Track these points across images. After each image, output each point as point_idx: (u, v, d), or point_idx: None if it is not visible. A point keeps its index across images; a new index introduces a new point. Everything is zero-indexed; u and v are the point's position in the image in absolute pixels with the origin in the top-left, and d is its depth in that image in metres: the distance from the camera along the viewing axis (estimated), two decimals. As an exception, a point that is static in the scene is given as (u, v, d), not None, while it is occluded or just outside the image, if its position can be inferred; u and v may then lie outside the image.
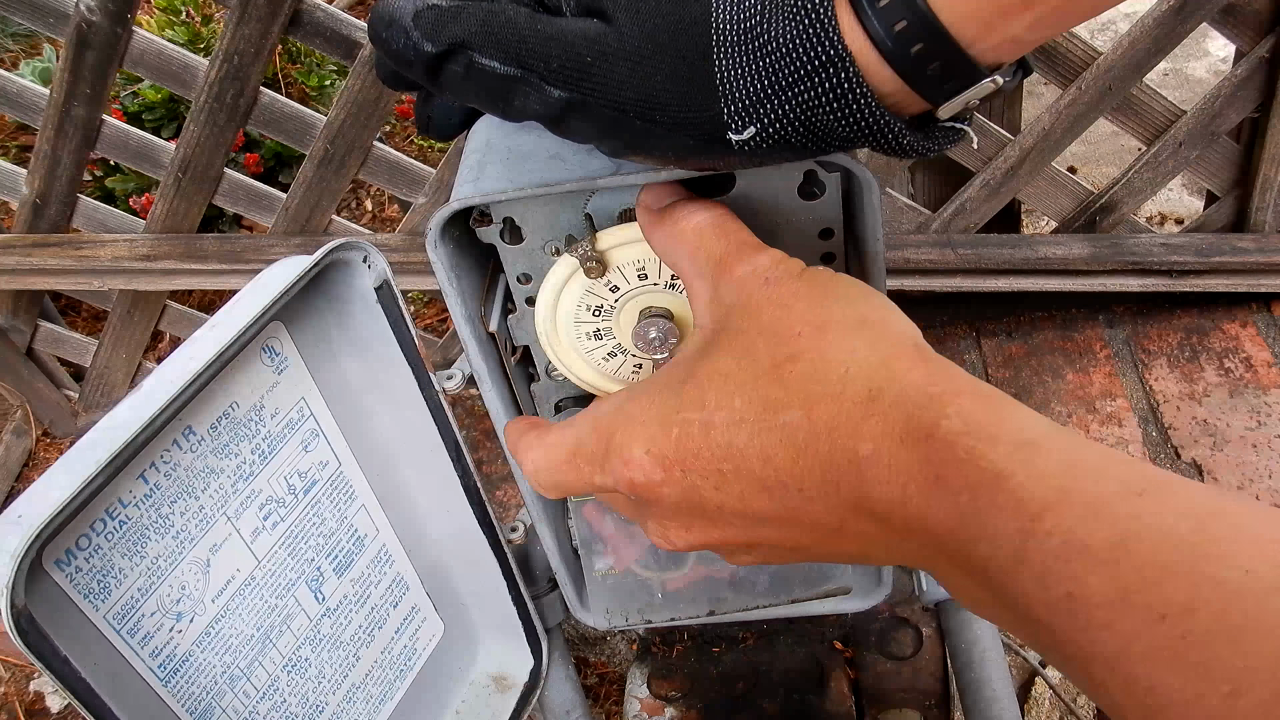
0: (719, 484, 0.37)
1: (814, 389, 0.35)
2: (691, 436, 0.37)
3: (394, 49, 0.42)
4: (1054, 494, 0.30)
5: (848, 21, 0.36)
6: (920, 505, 0.33)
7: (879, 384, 0.35)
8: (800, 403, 0.35)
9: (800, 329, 0.37)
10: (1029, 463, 0.31)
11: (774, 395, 0.36)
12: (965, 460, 0.32)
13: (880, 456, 0.34)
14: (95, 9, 1.32)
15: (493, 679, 0.77)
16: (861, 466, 0.34)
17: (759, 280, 0.40)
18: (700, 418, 0.37)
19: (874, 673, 1.18)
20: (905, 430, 0.33)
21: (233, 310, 0.54)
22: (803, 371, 0.36)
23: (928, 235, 1.49)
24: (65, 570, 0.51)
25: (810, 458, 0.35)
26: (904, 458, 0.33)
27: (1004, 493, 0.31)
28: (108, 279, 1.59)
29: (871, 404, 0.34)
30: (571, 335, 0.54)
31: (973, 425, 0.32)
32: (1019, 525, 0.30)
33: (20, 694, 1.56)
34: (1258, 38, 1.32)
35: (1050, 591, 0.29)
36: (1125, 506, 0.29)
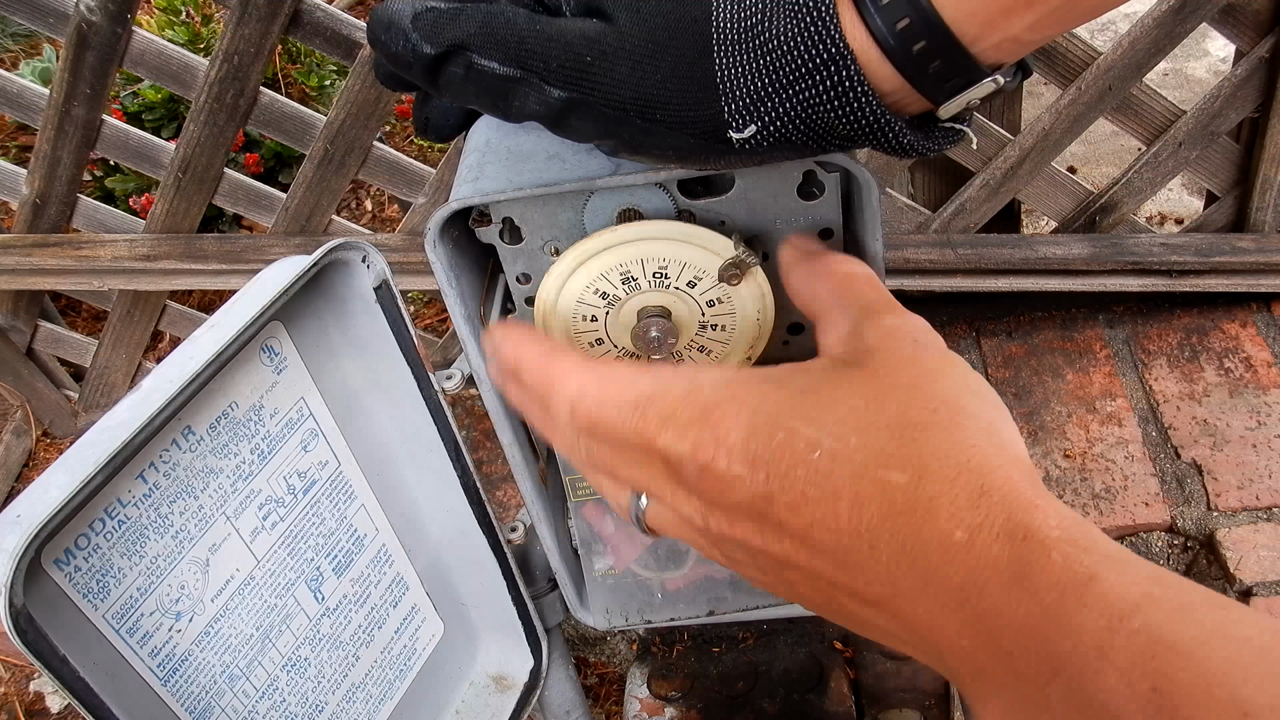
0: (796, 504, 0.36)
1: (930, 463, 0.35)
2: (795, 449, 0.36)
3: (393, 51, 0.42)
4: (1143, 597, 0.31)
5: (849, 19, 0.36)
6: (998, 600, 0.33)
7: (990, 484, 0.35)
8: (913, 469, 0.35)
9: (938, 405, 0.37)
10: (1120, 571, 0.31)
11: (891, 450, 0.36)
12: (1059, 563, 0.32)
13: (973, 546, 0.34)
14: (95, 9, 1.31)
15: (492, 679, 0.77)
16: (949, 550, 0.34)
17: (909, 338, 0.40)
18: (810, 434, 0.36)
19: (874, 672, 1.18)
20: (1004, 529, 0.33)
21: (232, 310, 0.54)
22: (927, 443, 0.36)
23: (927, 235, 1.49)
24: (64, 570, 0.51)
25: (900, 522, 0.35)
26: (996, 553, 0.33)
27: (1094, 593, 0.31)
28: (108, 279, 1.59)
29: (978, 498, 0.34)
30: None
31: (1070, 537, 0.33)
32: (1107, 622, 0.30)
33: (20, 694, 1.56)
34: (1257, 38, 1.32)
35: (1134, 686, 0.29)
36: (1211, 613, 0.30)
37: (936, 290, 1.50)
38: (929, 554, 0.34)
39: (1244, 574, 1.20)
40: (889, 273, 1.38)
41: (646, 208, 0.51)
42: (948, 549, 0.34)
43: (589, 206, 0.51)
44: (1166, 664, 0.29)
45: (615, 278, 0.51)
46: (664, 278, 0.51)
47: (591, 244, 0.50)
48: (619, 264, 0.50)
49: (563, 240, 0.52)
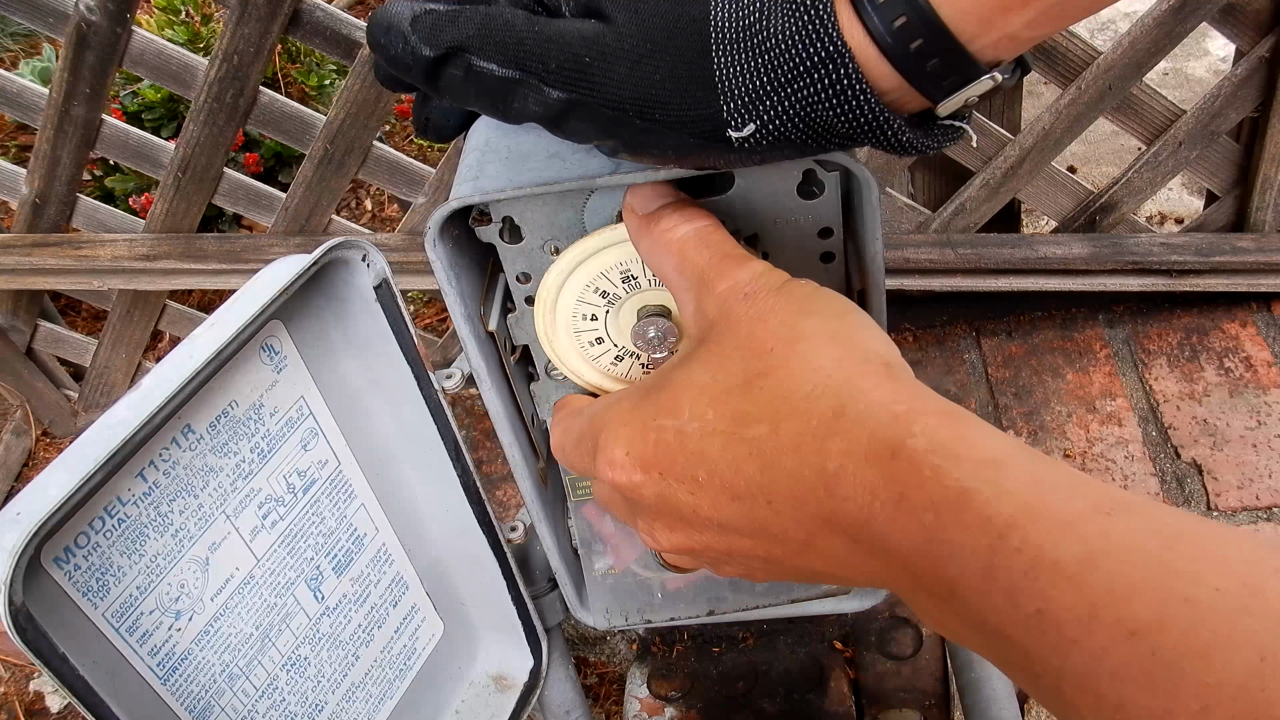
0: (693, 489, 0.38)
1: (781, 404, 0.36)
2: (667, 443, 0.38)
3: (392, 54, 0.42)
4: (1021, 511, 0.30)
5: (847, 18, 0.36)
6: (885, 524, 0.33)
7: (844, 401, 0.35)
8: (769, 417, 0.36)
9: (772, 344, 0.38)
10: (995, 480, 0.31)
11: (744, 408, 0.37)
12: (930, 478, 0.32)
13: (845, 474, 0.34)
14: (95, 9, 1.31)
15: (492, 679, 0.77)
16: (828, 483, 0.34)
17: (738, 295, 0.40)
18: (675, 425, 0.38)
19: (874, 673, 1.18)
20: (869, 448, 0.33)
21: (232, 309, 0.54)
22: (772, 386, 0.36)
23: (927, 235, 1.49)
24: (64, 568, 0.51)
25: (777, 471, 0.35)
26: (868, 476, 0.33)
27: (970, 510, 0.31)
28: (107, 279, 1.59)
29: (836, 421, 0.34)
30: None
31: (937, 443, 0.32)
32: (986, 542, 0.30)
33: (20, 694, 1.56)
34: (1257, 37, 1.32)
35: (1020, 609, 0.29)
36: (1093, 524, 0.29)
37: (936, 290, 1.50)
38: (815, 493, 0.34)
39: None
40: (889, 272, 1.38)
41: (646, 207, 0.51)
42: (827, 483, 0.34)
43: (589, 205, 0.51)
44: (1049, 585, 0.29)
45: (615, 277, 0.51)
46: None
47: (591, 243, 0.50)
48: (619, 263, 0.50)
49: (563, 239, 0.52)
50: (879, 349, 0.38)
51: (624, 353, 0.55)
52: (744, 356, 0.38)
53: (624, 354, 0.55)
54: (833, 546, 0.35)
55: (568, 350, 0.54)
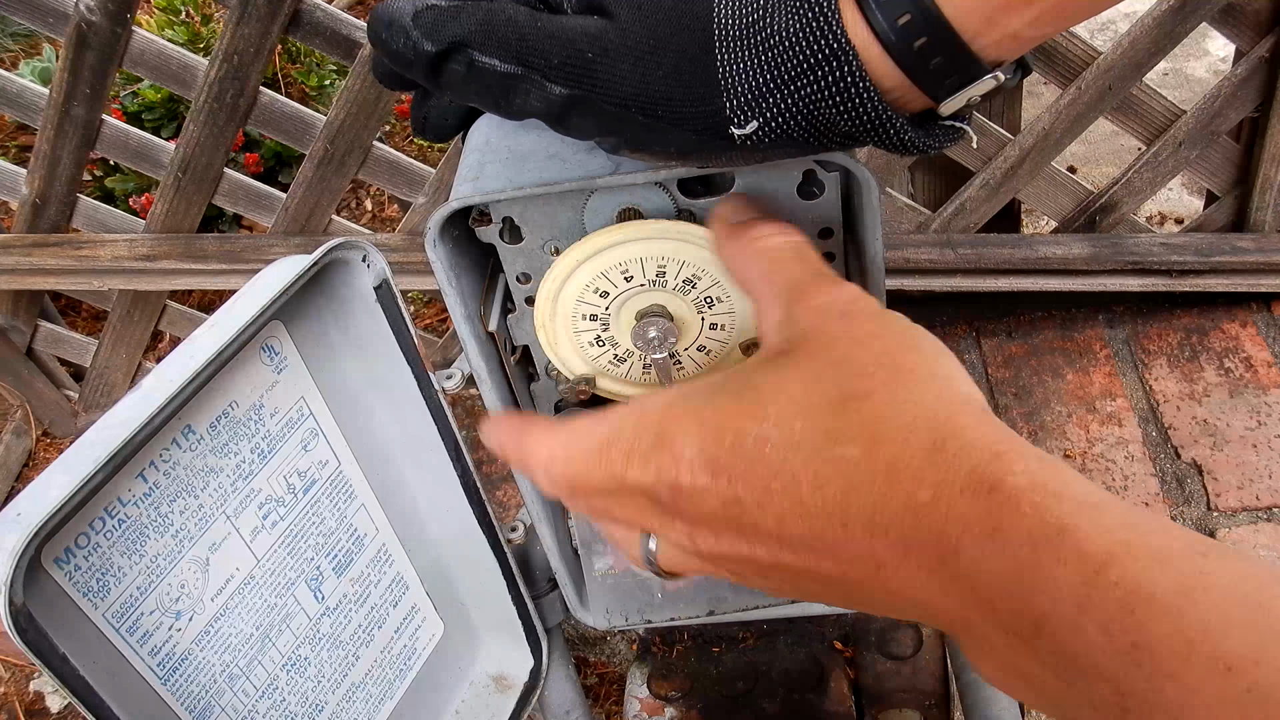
0: (762, 500, 0.36)
1: (879, 430, 0.35)
2: (745, 448, 0.37)
3: (394, 49, 0.42)
4: (1119, 546, 0.30)
5: (850, 15, 0.36)
6: (974, 557, 0.32)
7: (944, 435, 0.34)
8: (863, 440, 0.35)
9: (874, 369, 0.37)
10: (1094, 519, 0.31)
11: (836, 427, 0.36)
12: (1029, 514, 0.31)
13: (939, 505, 0.33)
14: (95, 9, 1.31)
15: (492, 679, 0.77)
16: (918, 511, 0.34)
17: (836, 313, 0.39)
18: (757, 430, 0.37)
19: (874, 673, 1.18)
20: (968, 482, 0.33)
21: (232, 309, 0.54)
22: (870, 411, 0.36)
23: (927, 235, 1.49)
24: (64, 568, 0.51)
25: (863, 494, 0.35)
26: (964, 508, 0.33)
27: (1068, 546, 0.30)
28: (107, 279, 1.59)
29: (935, 454, 0.34)
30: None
31: (1038, 483, 0.32)
32: (1083, 576, 0.30)
33: (20, 694, 1.56)
34: (1257, 37, 1.32)
35: (1114, 641, 0.29)
36: (1190, 562, 0.29)
37: (936, 290, 1.50)
38: (900, 520, 0.34)
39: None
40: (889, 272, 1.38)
41: (646, 207, 0.51)
42: (916, 511, 0.34)
43: (589, 206, 0.51)
44: (1146, 618, 0.28)
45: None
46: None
47: (592, 243, 0.50)
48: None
49: (563, 240, 0.52)
50: (974, 394, 0.37)
51: (625, 353, 0.55)
52: (842, 375, 0.37)
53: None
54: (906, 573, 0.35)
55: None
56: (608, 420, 0.41)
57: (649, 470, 0.39)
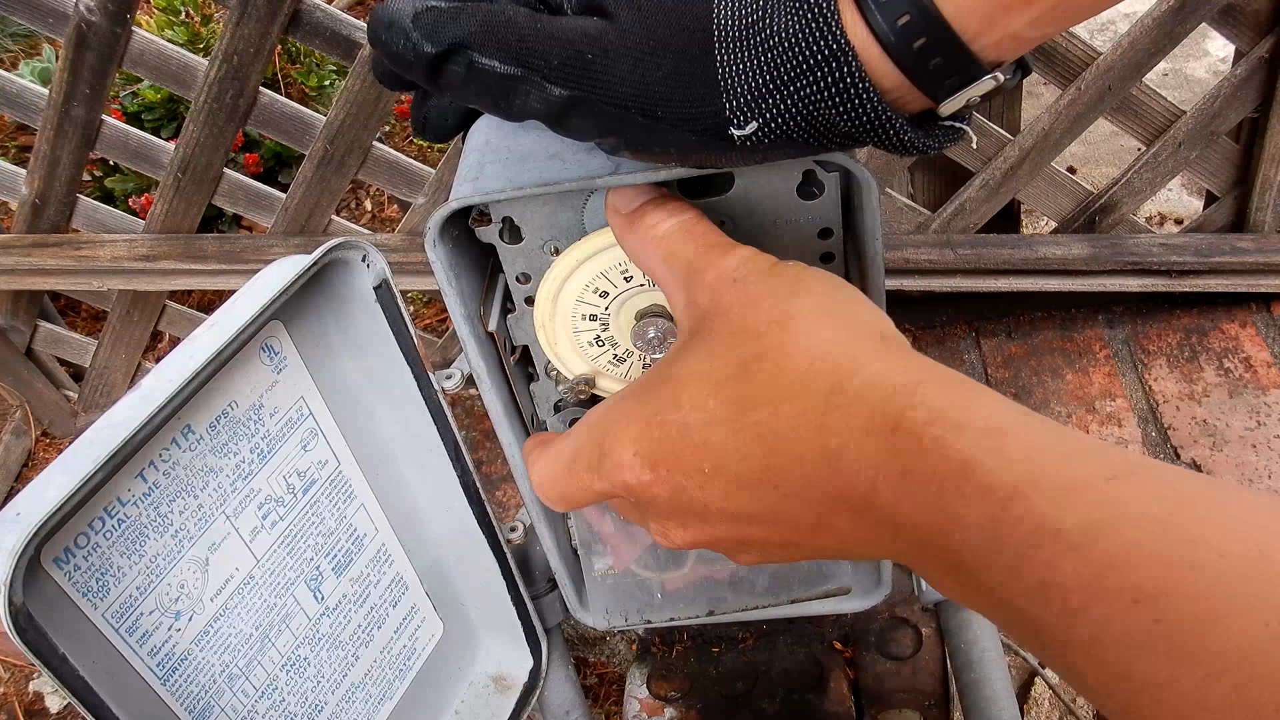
0: (702, 483, 0.37)
1: (780, 386, 0.36)
2: (671, 438, 0.38)
3: (394, 51, 0.42)
4: (1023, 480, 0.30)
5: (850, 16, 0.36)
6: (890, 498, 0.33)
7: (841, 377, 0.35)
8: (768, 400, 0.36)
9: (765, 326, 0.37)
10: (997, 449, 0.31)
11: (744, 394, 0.36)
12: (931, 450, 0.31)
13: (847, 450, 0.33)
14: (94, 9, 1.31)
15: (492, 679, 0.77)
16: (831, 461, 0.34)
17: (728, 281, 0.40)
18: (677, 419, 0.38)
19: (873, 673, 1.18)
20: (869, 422, 0.33)
21: (232, 309, 0.54)
22: (768, 369, 0.36)
23: (927, 235, 1.49)
24: (64, 568, 0.51)
25: (782, 455, 0.35)
26: (871, 450, 0.33)
27: (971, 481, 0.30)
28: (107, 279, 1.59)
29: (834, 397, 0.34)
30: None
31: (938, 414, 0.32)
32: (989, 513, 0.30)
33: (20, 694, 1.56)
34: (1257, 38, 1.32)
35: (1024, 579, 0.29)
36: (1096, 491, 0.29)
37: (936, 290, 1.50)
38: (819, 473, 0.34)
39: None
40: (889, 273, 1.38)
41: (646, 207, 0.51)
42: (830, 460, 0.34)
43: (589, 206, 0.51)
44: (1052, 554, 0.28)
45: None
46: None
47: (591, 244, 0.50)
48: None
49: (562, 240, 0.52)
50: (872, 321, 0.37)
51: (625, 353, 0.55)
52: (739, 342, 0.38)
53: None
54: (842, 524, 0.35)
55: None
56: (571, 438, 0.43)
57: (605, 479, 0.41)
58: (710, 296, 0.40)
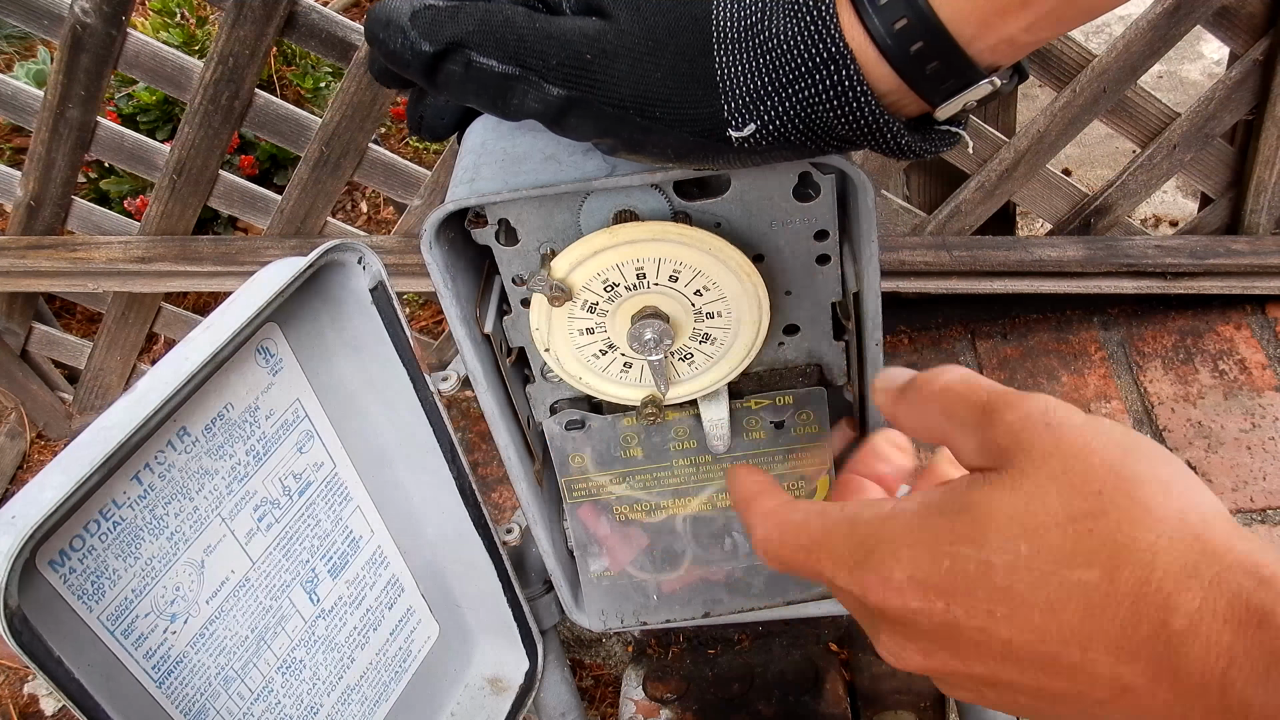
0: (985, 625, 0.35)
1: (1119, 552, 0.33)
2: (966, 573, 0.35)
3: (391, 49, 0.42)
4: None
5: (848, 19, 0.37)
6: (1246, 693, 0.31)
7: (1197, 557, 0.32)
8: (1101, 563, 0.33)
9: (1101, 487, 0.34)
10: None
11: (1068, 549, 0.34)
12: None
13: (1198, 634, 0.31)
14: (90, 11, 1.31)
15: (488, 681, 0.77)
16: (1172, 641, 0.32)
17: (1039, 424, 0.37)
18: (978, 555, 0.35)
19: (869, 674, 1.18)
20: (1231, 611, 0.31)
21: (227, 311, 0.54)
22: (1106, 531, 0.34)
23: (923, 237, 1.49)
24: (59, 571, 0.51)
25: (1106, 620, 0.33)
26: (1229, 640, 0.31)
27: None
28: (102, 281, 1.58)
29: (1189, 579, 0.32)
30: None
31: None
32: None
33: (14, 697, 1.56)
34: (1252, 40, 1.32)
35: None
36: None
37: (932, 292, 1.50)
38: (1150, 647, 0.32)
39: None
40: (884, 274, 1.38)
41: (643, 209, 0.51)
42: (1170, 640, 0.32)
43: (585, 208, 0.51)
44: None
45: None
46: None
47: (587, 245, 0.50)
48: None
49: (559, 242, 0.52)
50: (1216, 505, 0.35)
51: (620, 354, 0.55)
52: (1065, 492, 0.35)
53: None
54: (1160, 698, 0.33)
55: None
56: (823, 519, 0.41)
57: (855, 585, 0.38)
58: (1013, 437, 0.37)
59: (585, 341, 0.54)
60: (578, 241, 0.50)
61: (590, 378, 0.56)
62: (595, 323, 0.53)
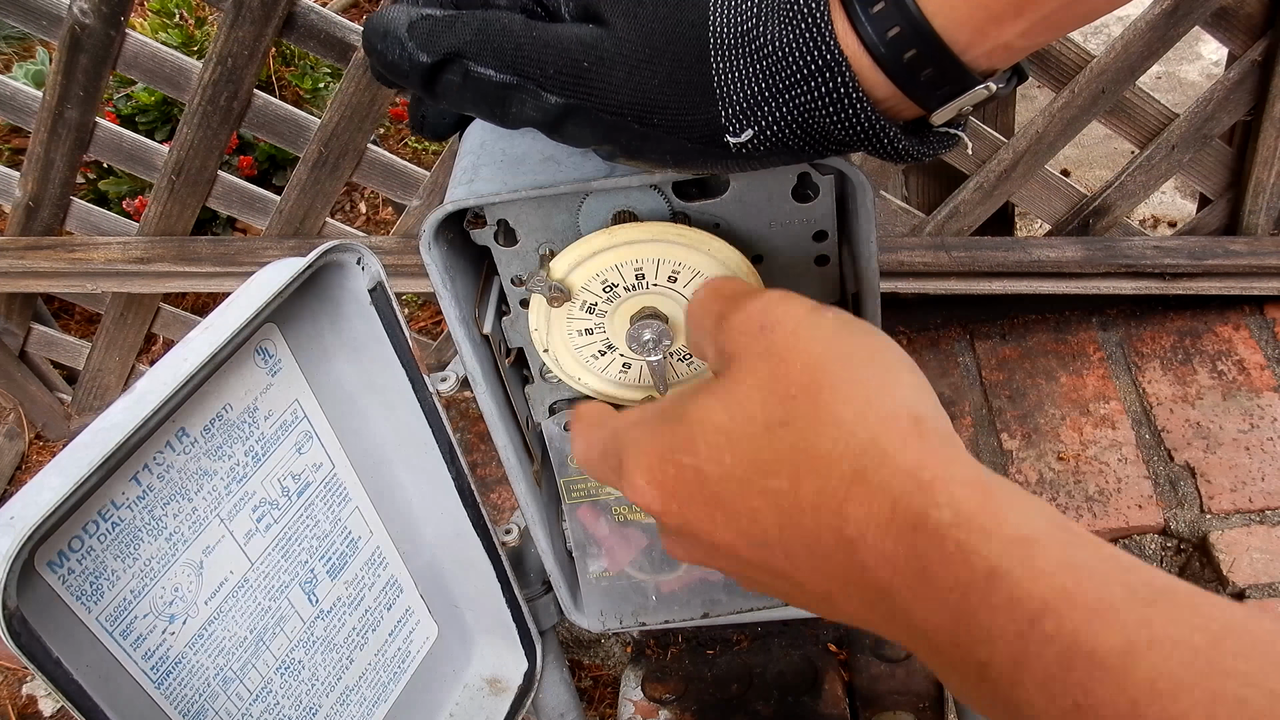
0: (712, 527, 0.37)
1: (801, 459, 0.34)
2: (686, 479, 0.37)
3: (389, 60, 0.42)
4: (1055, 594, 0.28)
5: (842, 26, 0.37)
6: (908, 598, 0.31)
7: (865, 464, 0.33)
8: (788, 472, 0.35)
9: (794, 390, 0.36)
10: (1026, 560, 0.29)
11: (763, 457, 0.35)
12: (955, 555, 0.30)
13: (865, 541, 0.32)
14: (88, 11, 1.31)
15: (487, 682, 0.77)
16: (847, 548, 0.33)
17: (755, 328, 0.38)
18: (693, 463, 0.37)
19: (868, 675, 1.18)
20: (890, 517, 0.32)
21: (226, 312, 0.54)
22: (791, 438, 0.35)
23: (921, 238, 1.49)
24: (58, 572, 0.51)
25: (796, 529, 0.34)
26: (889, 546, 0.32)
27: (998, 592, 0.29)
28: (101, 282, 1.58)
29: (855, 485, 0.33)
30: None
31: (964, 517, 0.31)
32: (1016, 628, 0.28)
33: (13, 698, 1.56)
34: (1250, 41, 1.32)
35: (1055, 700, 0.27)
36: (1133, 613, 0.27)
37: (930, 293, 1.50)
38: (834, 554, 0.33)
39: (1237, 577, 1.20)
40: (883, 275, 1.38)
41: (641, 210, 0.51)
42: (846, 547, 0.33)
43: (584, 209, 0.51)
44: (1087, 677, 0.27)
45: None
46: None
47: (586, 246, 0.50)
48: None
49: (558, 242, 0.52)
50: (908, 400, 0.35)
51: (619, 355, 0.55)
52: (764, 400, 0.36)
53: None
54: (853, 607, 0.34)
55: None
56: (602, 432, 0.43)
57: (620, 488, 0.41)
58: (733, 340, 0.39)
59: (584, 342, 0.54)
60: (576, 242, 0.50)
61: (589, 378, 0.56)
62: (594, 323, 0.53)
